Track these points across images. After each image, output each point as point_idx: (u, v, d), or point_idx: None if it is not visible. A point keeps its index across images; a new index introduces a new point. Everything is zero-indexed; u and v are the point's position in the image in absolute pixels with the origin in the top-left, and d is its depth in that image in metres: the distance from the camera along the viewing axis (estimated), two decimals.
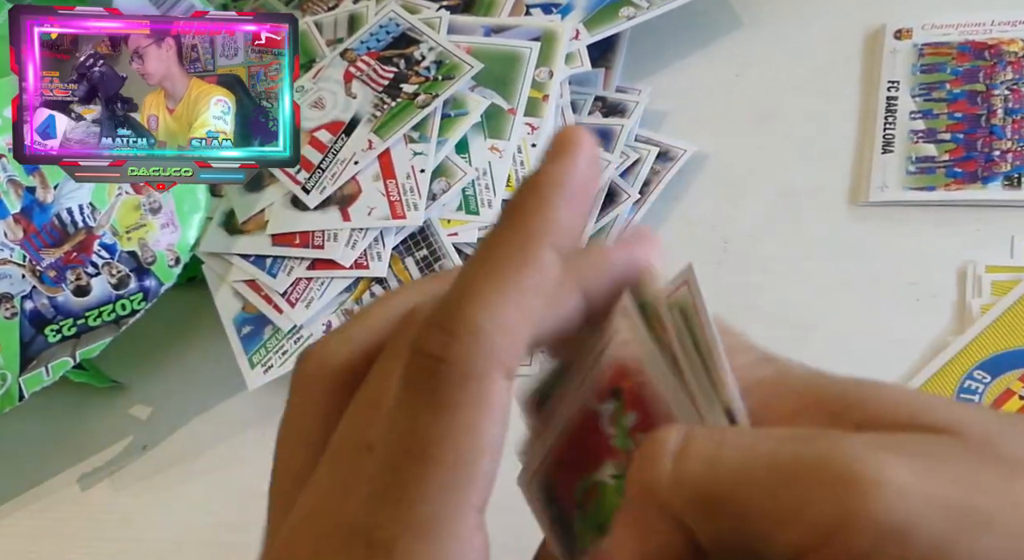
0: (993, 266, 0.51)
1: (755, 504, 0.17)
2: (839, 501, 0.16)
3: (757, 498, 0.17)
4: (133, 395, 0.60)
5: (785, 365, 0.21)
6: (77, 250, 0.53)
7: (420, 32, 0.61)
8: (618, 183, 0.58)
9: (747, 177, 0.59)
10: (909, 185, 0.55)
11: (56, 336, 0.53)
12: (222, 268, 0.58)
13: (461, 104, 0.58)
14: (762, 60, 0.63)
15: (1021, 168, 0.53)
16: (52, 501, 0.56)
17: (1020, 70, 0.57)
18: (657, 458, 0.19)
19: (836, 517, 0.16)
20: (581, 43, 0.60)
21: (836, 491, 0.16)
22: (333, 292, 0.55)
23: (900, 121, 0.57)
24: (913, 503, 0.16)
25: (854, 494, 0.16)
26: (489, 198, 0.56)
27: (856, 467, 0.17)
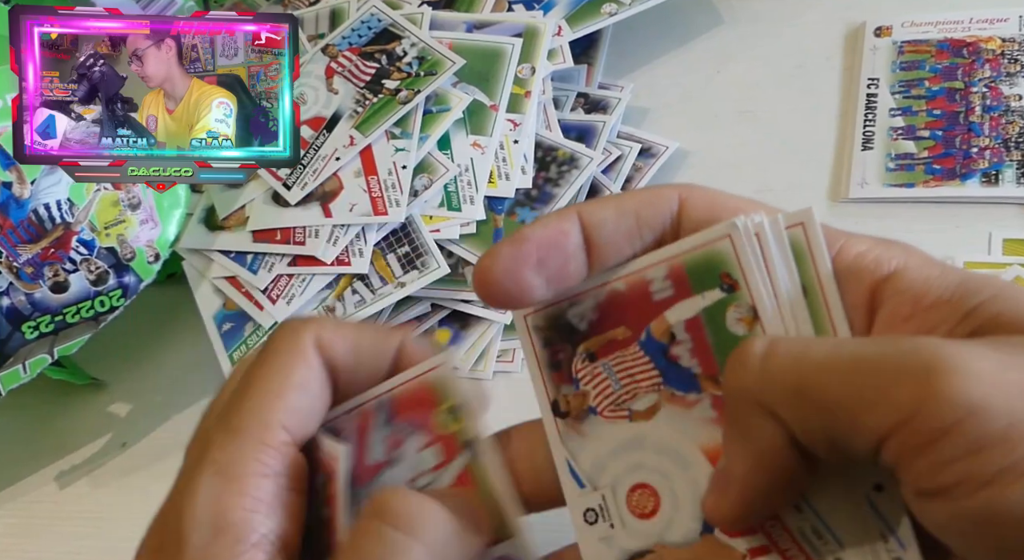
0: (971, 262, 0.51)
1: (840, 391, 0.19)
2: (919, 384, 0.18)
3: (841, 386, 0.19)
4: (112, 392, 0.59)
5: (904, 261, 0.22)
6: (55, 246, 0.53)
7: (402, 28, 0.61)
8: (600, 180, 0.58)
9: (728, 173, 0.59)
10: (889, 182, 0.55)
11: (34, 333, 0.52)
12: (202, 264, 0.58)
13: (443, 100, 0.58)
14: (743, 57, 0.64)
15: (999, 165, 0.54)
16: (30, 499, 0.55)
17: (998, 68, 0.57)
18: (746, 359, 0.20)
19: (917, 398, 0.18)
20: (563, 39, 0.60)
21: (917, 376, 0.18)
22: (314, 289, 0.55)
23: (880, 118, 0.58)
24: (989, 386, 0.17)
25: (934, 377, 0.17)
26: (471, 194, 0.56)
27: (938, 354, 0.18)
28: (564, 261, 0.24)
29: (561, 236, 0.23)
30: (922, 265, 0.22)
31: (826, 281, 0.22)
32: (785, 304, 0.22)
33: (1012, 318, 0.20)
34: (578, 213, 0.24)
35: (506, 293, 0.23)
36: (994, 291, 0.20)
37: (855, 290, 0.22)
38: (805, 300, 0.22)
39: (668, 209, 0.24)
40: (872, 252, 0.22)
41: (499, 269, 0.23)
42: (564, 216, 0.24)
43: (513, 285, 0.23)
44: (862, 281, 0.22)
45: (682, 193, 0.24)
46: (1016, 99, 0.56)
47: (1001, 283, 0.21)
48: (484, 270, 0.23)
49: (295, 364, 0.26)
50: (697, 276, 0.23)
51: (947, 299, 0.20)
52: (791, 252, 0.23)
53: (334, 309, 0.55)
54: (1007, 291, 0.20)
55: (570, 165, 0.57)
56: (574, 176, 0.57)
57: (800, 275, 0.22)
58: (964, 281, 0.21)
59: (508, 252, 0.23)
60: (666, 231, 0.24)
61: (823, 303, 0.22)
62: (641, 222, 0.24)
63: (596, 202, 0.24)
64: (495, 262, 0.23)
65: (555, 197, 0.56)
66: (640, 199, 0.24)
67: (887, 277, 0.21)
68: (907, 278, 0.21)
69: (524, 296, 0.23)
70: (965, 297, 0.20)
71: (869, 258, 0.22)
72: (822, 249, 0.22)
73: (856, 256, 0.22)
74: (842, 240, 0.23)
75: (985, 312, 0.20)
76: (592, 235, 0.24)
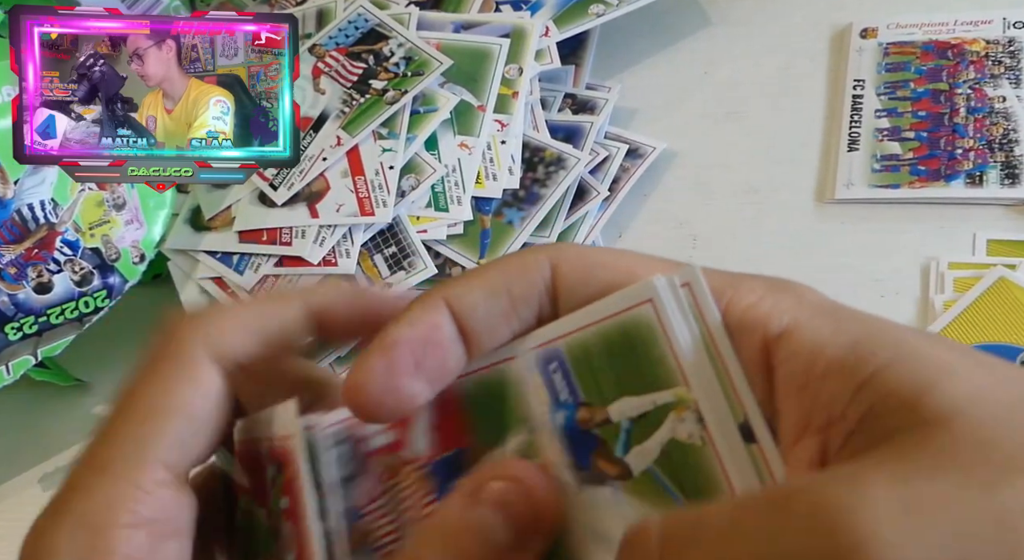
0: (956, 263, 0.52)
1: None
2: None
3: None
4: (97, 394, 0.59)
5: (795, 316, 0.20)
6: (38, 247, 0.52)
7: (389, 28, 0.60)
8: (588, 180, 0.58)
9: (716, 174, 0.59)
10: (874, 183, 0.56)
11: (17, 334, 0.52)
12: (188, 265, 0.57)
13: (431, 101, 0.58)
14: (730, 58, 0.64)
15: (983, 166, 0.54)
16: (13, 502, 0.55)
17: (982, 69, 0.58)
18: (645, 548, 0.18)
19: None
20: (551, 40, 0.60)
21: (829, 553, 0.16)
22: None
23: (866, 119, 0.58)
24: (903, 552, 0.16)
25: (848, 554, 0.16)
26: (458, 195, 0.56)
27: (842, 529, 0.16)
28: (442, 357, 0.21)
29: (433, 331, 0.21)
30: (813, 321, 0.19)
31: (722, 346, 0.20)
32: (706, 376, 0.20)
33: (905, 398, 0.18)
34: (445, 300, 0.21)
35: (388, 409, 0.21)
36: (889, 356, 0.18)
37: (748, 349, 0.20)
38: (713, 371, 0.20)
39: (540, 279, 0.22)
40: (763, 304, 0.20)
41: (375, 387, 0.20)
42: (430, 307, 0.21)
43: (392, 399, 0.21)
44: (754, 339, 0.20)
45: (552, 258, 0.22)
46: (1000, 101, 0.56)
47: (898, 339, 0.19)
48: (357, 390, 0.20)
49: (176, 382, 0.22)
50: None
51: (838, 366, 0.19)
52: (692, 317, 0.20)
53: None
54: (903, 354, 0.18)
55: (557, 166, 0.57)
56: (561, 177, 0.57)
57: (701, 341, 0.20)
58: (857, 342, 0.19)
59: (380, 365, 0.20)
60: (543, 303, 0.22)
61: (725, 372, 0.20)
62: (515, 299, 0.21)
63: (461, 284, 0.21)
64: (368, 379, 0.20)
65: (542, 197, 0.56)
66: (508, 273, 0.22)
67: (778, 336, 0.19)
68: (797, 339, 0.19)
69: (407, 406, 0.21)
70: (858, 364, 0.18)
71: (760, 312, 0.20)
72: (712, 309, 0.20)
73: (745, 309, 0.20)
74: (729, 292, 0.20)
75: (878, 389, 0.18)
76: (466, 324, 0.21)
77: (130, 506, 0.21)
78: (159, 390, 0.22)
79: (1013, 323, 0.48)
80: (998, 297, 0.49)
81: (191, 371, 0.22)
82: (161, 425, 0.22)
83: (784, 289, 0.20)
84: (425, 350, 0.21)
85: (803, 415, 0.19)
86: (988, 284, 0.50)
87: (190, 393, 0.22)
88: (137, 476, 0.21)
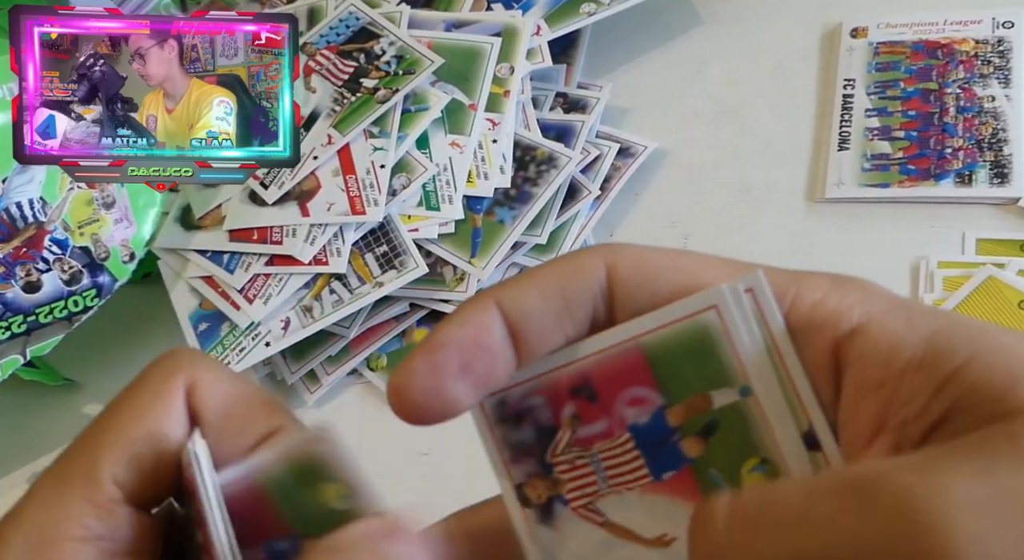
0: (945, 262, 0.52)
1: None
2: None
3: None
4: (86, 393, 0.58)
5: (866, 312, 0.19)
6: (27, 245, 0.52)
7: (380, 26, 0.60)
8: (579, 179, 0.58)
9: (707, 173, 0.59)
10: (864, 182, 0.56)
11: (5, 333, 0.52)
12: (178, 264, 0.57)
13: (422, 99, 0.57)
14: (721, 57, 0.64)
15: (972, 166, 0.54)
16: (1, 503, 0.55)
17: (971, 69, 0.58)
18: (711, 525, 0.18)
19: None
20: (542, 39, 0.60)
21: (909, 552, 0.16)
22: (292, 288, 0.55)
23: (856, 118, 0.58)
24: (986, 546, 0.16)
25: (929, 552, 0.16)
26: (450, 194, 0.56)
27: (923, 519, 0.16)
28: (491, 361, 0.20)
29: (483, 333, 0.20)
30: (886, 316, 0.19)
31: (786, 352, 0.20)
32: (769, 383, 0.20)
33: (993, 392, 0.18)
34: (497, 302, 0.20)
35: (431, 412, 0.20)
36: (969, 352, 0.18)
37: (816, 347, 0.19)
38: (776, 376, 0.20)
39: (596, 281, 0.21)
40: (829, 300, 0.20)
41: (418, 388, 0.20)
42: (482, 308, 0.20)
43: (437, 402, 0.20)
44: (823, 337, 0.19)
45: (607, 259, 0.21)
46: (989, 100, 0.56)
47: (974, 334, 0.19)
48: (401, 390, 0.20)
49: (152, 409, 0.22)
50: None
51: (918, 364, 0.18)
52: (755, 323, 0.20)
53: (312, 309, 0.55)
54: (983, 350, 0.18)
55: (549, 165, 0.57)
56: (553, 176, 0.57)
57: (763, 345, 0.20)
58: (935, 337, 0.19)
59: (425, 365, 0.20)
60: (598, 307, 0.21)
61: (788, 378, 0.20)
62: (569, 302, 0.21)
63: (514, 286, 0.21)
64: (412, 379, 0.20)
65: (534, 196, 0.56)
66: (562, 274, 0.21)
67: (850, 334, 0.19)
68: (872, 337, 0.19)
69: (451, 411, 0.20)
70: (938, 361, 0.18)
71: (828, 309, 0.20)
72: (776, 315, 0.20)
73: (812, 307, 0.20)
74: (793, 289, 0.20)
75: (962, 383, 0.18)
76: (517, 327, 0.20)
77: (83, 521, 0.21)
78: (133, 415, 0.23)
79: (1002, 322, 0.49)
80: (987, 296, 0.50)
81: (167, 403, 0.23)
82: (125, 445, 0.22)
83: (849, 284, 0.20)
84: (473, 352, 0.20)
85: (879, 413, 0.19)
86: (977, 283, 0.50)
87: (160, 421, 0.22)
88: (92, 492, 0.22)
